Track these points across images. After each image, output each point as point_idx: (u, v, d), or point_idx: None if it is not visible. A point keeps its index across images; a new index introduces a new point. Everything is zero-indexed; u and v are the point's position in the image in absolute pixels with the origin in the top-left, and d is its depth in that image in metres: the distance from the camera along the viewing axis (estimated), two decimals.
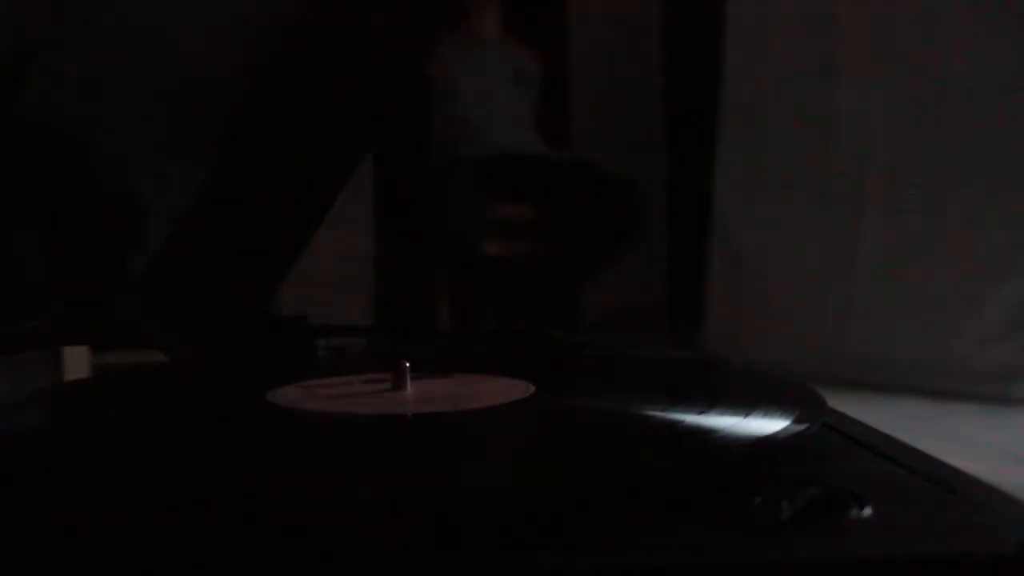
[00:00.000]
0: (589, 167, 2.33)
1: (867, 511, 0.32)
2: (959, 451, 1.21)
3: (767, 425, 0.38)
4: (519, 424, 0.44)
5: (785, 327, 2.26)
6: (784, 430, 0.37)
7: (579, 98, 3.01)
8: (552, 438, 0.43)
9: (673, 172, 3.90)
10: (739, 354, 2.17)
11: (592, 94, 2.31)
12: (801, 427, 0.37)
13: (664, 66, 3.70)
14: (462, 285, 2.34)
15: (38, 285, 0.63)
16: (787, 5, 2.30)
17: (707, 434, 0.38)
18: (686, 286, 2.65)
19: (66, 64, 0.60)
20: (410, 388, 0.49)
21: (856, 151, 2.14)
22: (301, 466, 0.39)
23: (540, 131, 2.42)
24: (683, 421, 0.40)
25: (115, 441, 0.43)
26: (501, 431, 0.43)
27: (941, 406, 1.80)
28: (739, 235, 2.41)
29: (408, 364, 0.49)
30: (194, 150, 0.70)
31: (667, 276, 3.96)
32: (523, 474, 0.35)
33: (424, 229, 2.36)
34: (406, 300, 2.51)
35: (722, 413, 0.41)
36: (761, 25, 2.36)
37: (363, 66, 0.75)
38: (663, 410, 0.43)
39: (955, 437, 1.21)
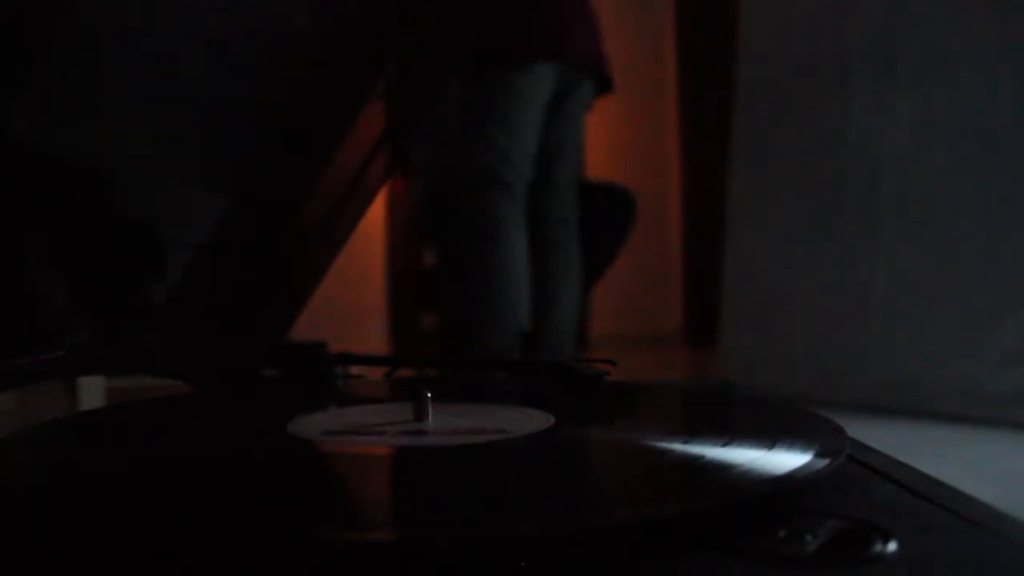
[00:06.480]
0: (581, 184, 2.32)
1: (891, 545, 0.32)
2: (980, 478, 1.20)
3: (791, 460, 0.38)
4: (540, 457, 0.44)
5: (801, 352, 2.25)
6: (808, 465, 0.37)
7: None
8: (574, 472, 0.42)
9: (687, 195, 3.91)
10: (755, 380, 2.16)
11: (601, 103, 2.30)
12: (824, 462, 0.37)
13: (679, 83, 3.68)
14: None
15: (60, 316, 0.63)
16: (800, 21, 2.30)
17: (730, 469, 0.38)
18: (701, 312, 2.65)
19: (87, 95, 0.60)
20: (431, 419, 0.49)
21: (871, 173, 2.14)
22: (320, 501, 0.39)
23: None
24: (704, 456, 0.40)
25: (131, 472, 0.42)
26: (522, 464, 0.43)
27: (959, 431, 1.79)
28: (754, 259, 2.40)
29: (430, 394, 0.49)
30: (214, 180, 0.71)
31: (682, 302, 3.96)
32: (545, 514, 0.35)
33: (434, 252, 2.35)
34: (421, 326, 2.50)
35: (744, 446, 0.40)
36: (774, 39, 2.36)
37: (383, 91, 0.75)
38: (685, 442, 0.43)
39: (974, 464, 1.20)
